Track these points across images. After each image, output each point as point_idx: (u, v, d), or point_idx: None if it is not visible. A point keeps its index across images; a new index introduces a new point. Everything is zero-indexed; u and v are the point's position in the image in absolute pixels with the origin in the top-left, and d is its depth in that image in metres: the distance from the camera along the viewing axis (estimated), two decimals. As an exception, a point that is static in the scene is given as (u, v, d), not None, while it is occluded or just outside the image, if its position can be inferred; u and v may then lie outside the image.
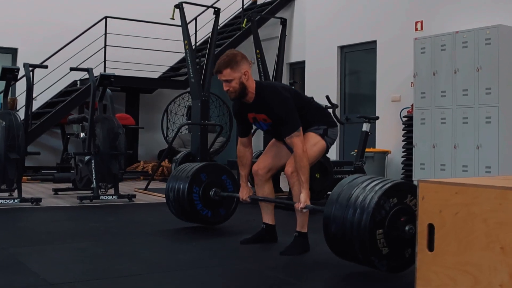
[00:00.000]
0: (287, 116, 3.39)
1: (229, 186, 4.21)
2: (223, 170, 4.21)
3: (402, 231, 2.79)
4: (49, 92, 9.40)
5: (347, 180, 2.99)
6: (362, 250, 2.78)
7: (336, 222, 2.87)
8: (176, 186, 4.08)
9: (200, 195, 4.06)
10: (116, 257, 3.31)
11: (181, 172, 4.13)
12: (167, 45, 9.94)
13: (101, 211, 5.35)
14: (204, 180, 4.07)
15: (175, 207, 4.16)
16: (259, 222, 4.37)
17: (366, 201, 2.77)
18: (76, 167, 6.54)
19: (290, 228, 4.14)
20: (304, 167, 3.35)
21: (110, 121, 6.04)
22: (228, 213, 4.27)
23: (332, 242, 2.97)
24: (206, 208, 4.10)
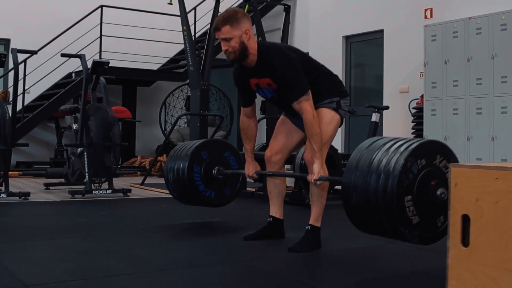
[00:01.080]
0: (294, 79, 3.04)
1: (233, 163, 3.82)
2: (225, 146, 3.83)
3: (433, 196, 2.45)
4: (43, 84, 9.07)
5: (366, 144, 2.61)
6: (389, 220, 2.42)
7: (357, 191, 2.50)
8: (176, 166, 3.69)
9: (201, 174, 3.66)
10: (104, 255, 2.95)
11: (180, 151, 3.75)
12: (166, 36, 9.61)
13: (93, 206, 4.99)
14: (205, 158, 3.68)
15: (176, 189, 3.76)
16: (263, 217, 4.01)
17: (391, 164, 2.41)
18: (68, 160, 6.20)
19: (297, 224, 3.79)
20: (316, 135, 3.01)
21: (103, 111, 5.69)
22: (233, 193, 3.87)
23: (354, 214, 2.60)
24: (209, 188, 3.71)
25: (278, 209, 3.44)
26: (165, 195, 5.97)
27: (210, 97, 7.51)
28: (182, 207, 5.13)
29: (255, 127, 3.39)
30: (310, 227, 3.21)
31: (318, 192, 3.20)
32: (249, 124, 3.37)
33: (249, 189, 6.06)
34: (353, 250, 3.21)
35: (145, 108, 10.30)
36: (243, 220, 4.35)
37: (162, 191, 6.27)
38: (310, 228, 3.21)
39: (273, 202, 3.45)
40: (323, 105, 3.18)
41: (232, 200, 3.92)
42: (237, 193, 3.91)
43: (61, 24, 8.85)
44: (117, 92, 10.03)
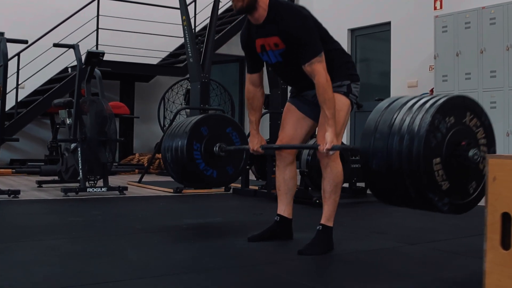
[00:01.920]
0: (307, 38, 2.75)
1: (236, 139, 3.51)
2: (227, 121, 3.52)
3: (464, 158, 2.17)
4: (38, 79, 8.76)
5: (385, 104, 2.32)
6: (415, 186, 2.13)
7: (377, 156, 2.21)
8: (174, 145, 3.37)
9: (202, 152, 3.35)
10: (94, 258, 2.65)
11: (178, 128, 3.44)
12: (166, 29, 9.31)
13: (87, 205, 4.69)
14: (205, 135, 3.37)
15: (174, 169, 3.44)
16: (267, 216, 3.71)
17: (416, 123, 2.12)
18: (62, 156, 5.89)
19: (304, 224, 3.49)
20: (329, 100, 2.73)
21: (98, 104, 5.38)
22: (236, 172, 3.55)
23: (375, 182, 2.30)
24: (210, 167, 3.39)
25: (286, 207, 3.14)
26: (164, 193, 5.67)
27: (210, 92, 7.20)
28: (181, 206, 4.85)
29: (262, 97, 3.11)
30: (321, 227, 2.91)
31: (330, 188, 2.91)
32: (255, 93, 3.08)
33: (252, 187, 5.77)
34: (368, 253, 2.91)
35: (143, 104, 10.00)
36: (246, 220, 4.05)
37: (161, 189, 5.98)
38: (321, 228, 2.91)
39: (281, 200, 3.15)
40: (334, 89, 2.88)
41: (235, 179, 3.63)
42: (240, 172, 3.62)
43: (56, 16, 8.54)
44: (114, 88, 9.72)
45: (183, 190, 5.73)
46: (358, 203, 5.15)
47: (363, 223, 3.97)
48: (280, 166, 3.13)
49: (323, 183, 2.94)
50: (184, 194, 5.62)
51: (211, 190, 5.92)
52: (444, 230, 3.69)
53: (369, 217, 4.36)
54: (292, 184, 3.15)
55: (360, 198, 5.44)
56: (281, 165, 3.13)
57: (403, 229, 3.72)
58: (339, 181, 2.93)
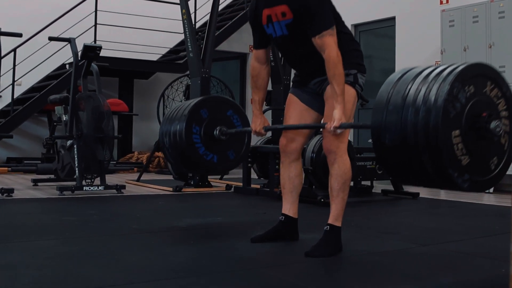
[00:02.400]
0: (319, 7, 2.60)
1: (237, 123, 3.34)
2: (227, 104, 3.35)
3: (486, 130, 2.00)
4: (35, 76, 8.58)
5: (397, 75, 2.14)
6: (433, 162, 1.96)
7: (390, 130, 2.03)
8: (172, 129, 3.19)
9: (201, 136, 3.17)
10: (87, 260, 2.47)
11: (176, 112, 3.26)
12: (165, 25, 9.14)
13: (83, 204, 4.52)
14: (205, 118, 3.19)
15: (173, 155, 3.26)
16: (271, 216, 3.54)
17: (433, 92, 1.95)
18: (58, 154, 5.71)
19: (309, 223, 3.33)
20: (339, 75, 2.56)
21: (95, 100, 5.20)
22: (238, 157, 3.37)
23: (388, 159, 2.12)
24: (211, 151, 3.21)
25: (291, 206, 2.97)
26: (162, 192, 5.50)
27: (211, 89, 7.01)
28: (181, 205, 4.68)
29: (267, 75, 2.95)
30: (329, 227, 2.74)
31: (338, 186, 2.74)
32: (260, 71, 2.92)
33: (254, 185, 5.60)
34: (378, 254, 2.73)
35: (142, 101, 9.83)
36: (249, 220, 3.87)
37: (160, 188, 5.80)
38: (329, 228, 2.74)
39: (286, 198, 2.98)
40: None
41: (237, 165, 3.45)
42: (242, 157, 3.45)
43: (54, 11, 8.36)
44: (113, 85, 9.55)
45: (183, 189, 5.56)
46: (363, 202, 4.98)
47: (371, 222, 3.80)
48: (284, 163, 2.97)
49: (331, 180, 2.77)
50: (184, 193, 5.45)
51: (212, 188, 5.76)
52: (455, 230, 3.52)
53: (376, 216, 4.18)
54: (297, 182, 2.98)
55: (365, 197, 5.28)
56: (285, 161, 2.96)
57: (412, 229, 3.55)
58: (347, 178, 2.76)
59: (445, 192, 6.07)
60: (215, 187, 5.87)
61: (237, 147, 3.36)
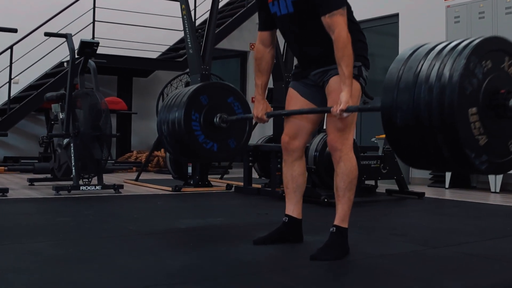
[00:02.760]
0: None
1: (238, 110, 3.20)
2: (228, 90, 3.21)
3: (504, 108, 1.87)
4: (33, 75, 8.46)
5: (408, 52, 2.02)
6: (449, 142, 1.83)
7: (402, 110, 1.90)
8: (170, 116, 3.06)
9: (201, 123, 3.03)
10: (79, 263, 2.34)
11: (174, 99, 3.12)
12: (165, 23, 9.02)
13: (79, 204, 4.38)
14: (205, 104, 3.05)
15: (171, 143, 3.12)
16: (273, 216, 3.41)
17: (447, 68, 1.82)
18: (54, 153, 5.58)
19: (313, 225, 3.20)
20: (348, 57, 2.44)
21: (92, 97, 5.07)
22: (239, 145, 3.24)
23: (400, 140, 1.99)
24: (211, 139, 3.07)
25: (295, 207, 2.83)
26: (161, 192, 5.36)
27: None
28: (180, 205, 4.54)
29: (271, 59, 2.82)
30: (335, 228, 2.60)
31: (344, 185, 2.61)
32: (264, 54, 2.79)
33: (255, 185, 5.46)
34: (388, 258, 2.60)
35: (141, 100, 9.69)
36: (250, 221, 3.73)
37: (158, 187, 5.67)
38: (335, 230, 2.60)
39: (290, 199, 2.84)
40: None
41: (237, 153, 3.31)
42: (243, 146, 3.31)
43: (51, 8, 8.23)
44: (112, 83, 9.42)
45: (182, 188, 5.42)
46: (368, 202, 4.85)
47: (378, 224, 3.66)
48: (287, 162, 2.83)
49: (336, 179, 2.63)
50: (183, 193, 5.31)
51: (212, 188, 5.62)
52: (465, 231, 3.39)
53: (383, 217, 4.05)
54: (301, 181, 2.84)
55: (369, 197, 5.14)
56: (288, 160, 2.83)
57: (421, 230, 3.41)
58: (353, 177, 2.63)
59: (450, 192, 5.93)
60: (215, 187, 5.74)
61: (238, 135, 3.23)
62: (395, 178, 5.29)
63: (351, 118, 2.58)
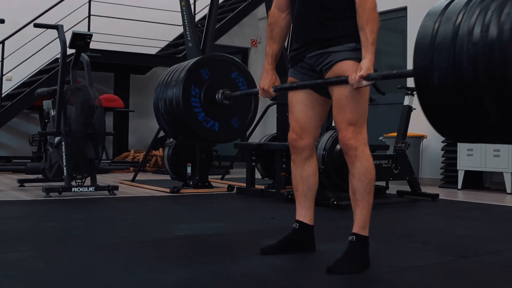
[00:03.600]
0: None
1: (243, 87, 2.88)
2: (232, 64, 2.89)
3: None
4: (27, 71, 8.13)
5: (443, 3, 1.72)
6: (499, 102, 1.49)
7: (440, 67, 1.58)
8: (168, 93, 2.72)
9: (201, 99, 2.70)
10: (62, 278, 2.02)
11: (172, 73, 2.79)
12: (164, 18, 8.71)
13: (69, 207, 4.06)
14: (206, 79, 2.73)
15: (168, 121, 2.79)
16: (280, 220, 3.09)
17: (496, 14, 1.48)
18: (45, 152, 5.26)
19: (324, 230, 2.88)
20: (373, 20, 2.20)
21: (85, 93, 4.75)
22: (243, 125, 2.91)
23: (437, 105, 1.65)
24: (211, 118, 2.75)
25: (307, 212, 2.52)
26: (159, 193, 5.04)
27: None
28: (178, 208, 4.23)
29: (286, 26, 2.55)
30: (354, 237, 2.29)
31: (363, 187, 2.30)
32: (278, 19, 2.54)
33: (258, 186, 5.15)
34: (414, 270, 2.28)
35: (139, 97, 9.37)
36: (255, 226, 3.41)
37: (156, 189, 5.35)
38: (355, 238, 2.29)
39: (300, 202, 2.53)
40: (349, 53, 2.28)
41: (241, 134, 2.99)
42: (247, 126, 2.99)
43: (45, 1, 7.90)
44: (108, 80, 9.10)
45: (181, 190, 5.11)
46: (379, 204, 4.51)
47: (394, 230, 3.34)
48: (296, 161, 2.52)
49: (352, 181, 2.32)
50: (182, 194, 4.99)
51: (212, 189, 5.30)
52: (493, 238, 3.07)
53: (399, 222, 3.73)
54: (312, 182, 2.54)
55: (380, 199, 4.81)
56: (297, 159, 2.52)
57: (445, 237, 3.09)
58: (372, 177, 2.32)
59: (464, 193, 5.62)
60: (216, 188, 5.42)
61: (242, 114, 2.91)
62: (407, 178, 4.98)
63: (363, 108, 2.29)
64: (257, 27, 10.46)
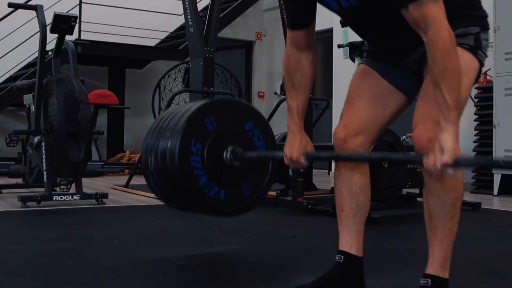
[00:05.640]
0: None
1: (259, 142, 2.19)
2: (246, 112, 2.18)
3: None
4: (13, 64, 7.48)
5: None
6: None
7: None
8: (160, 145, 2.05)
9: (204, 158, 2.01)
10: None
11: (169, 119, 2.10)
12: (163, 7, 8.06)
13: (46, 221, 3.38)
14: (211, 131, 2.04)
15: (159, 183, 2.11)
16: (305, 239, 2.41)
17: None
18: (24, 154, 4.58)
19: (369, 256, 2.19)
20: (452, 73, 1.45)
21: (68, 84, 4.06)
22: (257, 193, 2.24)
23: None
24: (216, 183, 2.06)
25: (354, 239, 1.84)
26: (155, 202, 4.34)
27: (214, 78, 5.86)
28: (178, 223, 3.47)
29: (310, 67, 1.84)
30: (430, 281, 1.61)
31: (445, 209, 1.63)
32: (298, 61, 1.83)
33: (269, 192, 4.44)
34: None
35: (135, 93, 8.70)
36: (275, 248, 2.72)
37: (152, 196, 4.65)
38: (430, 283, 1.61)
39: (346, 226, 1.85)
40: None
41: (254, 206, 2.28)
42: (262, 194, 2.29)
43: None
44: (102, 75, 8.44)
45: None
46: (411, 216, 3.80)
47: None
48: (342, 170, 1.86)
49: (429, 200, 1.65)
50: (183, 203, 4.30)
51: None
52: None
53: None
54: (364, 199, 1.87)
55: (410, 209, 4.10)
56: (344, 167, 1.87)
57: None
58: (459, 195, 1.65)
59: (501, 200, 4.93)
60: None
61: (257, 178, 2.20)
62: (444, 185, 4.28)
63: (466, 97, 1.60)
64: (262, 19, 9.80)
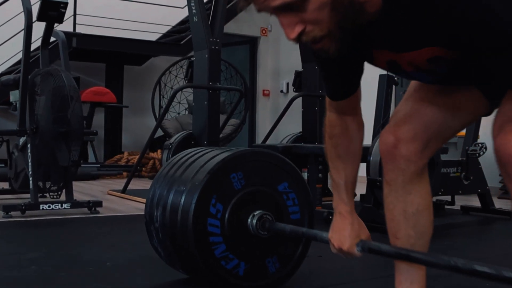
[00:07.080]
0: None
1: (293, 207, 1.76)
2: (281, 169, 1.75)
3: None
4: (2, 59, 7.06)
5: None
6: None
7: None
8: (171, 197, 1.62)
9: (225, 222, 1.57)
10: None
11: (185, 165, 1.66)
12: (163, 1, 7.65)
13: (29, 236, 2.92)
14: (237, 189, 1.61)
15: (166, 246, 1.70)
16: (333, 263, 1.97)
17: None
18: (10, 156, 4.13)
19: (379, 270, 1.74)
20: None
21: (56, 79, 3.60)
22: (285, 270, 1.79)
23: None
24: (236, 255, 1.62)
25: (416, 277, 1.39)
26: (156, 210, 3.90)
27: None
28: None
29: (360, 132, 1.46)
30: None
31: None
32: (345, 125, 1.44)
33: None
34: None
35: (134, 92, 8.24)
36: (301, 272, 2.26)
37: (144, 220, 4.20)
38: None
39: (401, 265, 1.40)
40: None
41: (281, 283, 1.83)
42: (293, 271, 1.85)
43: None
44: (99, 72, 8.00)
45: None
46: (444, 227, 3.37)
47: None
48: (393, 183, 1.44)
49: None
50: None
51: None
52: None
53: (501, 258, 2.58)
54: (424, 223, 1.44)
55: (441, 218, 3.66)
56: (397, 180, 1.44)
57: None
58: None
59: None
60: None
61: (285, 252, 1.77)
62: (479, 191, 3.84)
63: None
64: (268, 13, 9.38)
